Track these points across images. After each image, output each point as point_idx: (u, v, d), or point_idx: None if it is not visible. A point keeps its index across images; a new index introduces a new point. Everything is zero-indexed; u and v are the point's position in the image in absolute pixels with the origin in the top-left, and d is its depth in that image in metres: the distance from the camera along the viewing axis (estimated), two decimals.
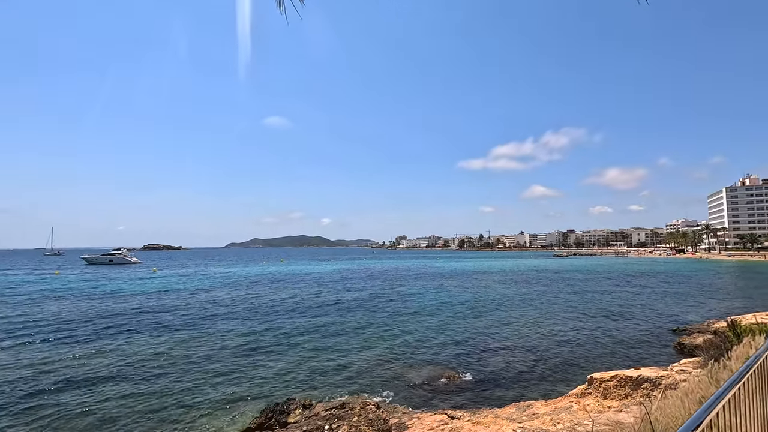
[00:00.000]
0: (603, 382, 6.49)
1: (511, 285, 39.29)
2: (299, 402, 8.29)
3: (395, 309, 23.85)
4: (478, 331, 17.75)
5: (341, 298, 28.53)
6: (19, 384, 10.81)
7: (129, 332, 17.37)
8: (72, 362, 12.87)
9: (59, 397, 9.96)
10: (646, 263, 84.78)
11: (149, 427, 8.31)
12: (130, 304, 26.08)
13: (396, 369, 12.20)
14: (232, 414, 8.83)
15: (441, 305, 25.35)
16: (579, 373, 11.60)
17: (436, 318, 20.85)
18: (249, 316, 21.12)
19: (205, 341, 15.75)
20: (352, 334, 17.07)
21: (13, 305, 25.38)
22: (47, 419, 8.67)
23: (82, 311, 22.98)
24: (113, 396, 9.97)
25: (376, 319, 20.38)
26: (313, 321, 19.88)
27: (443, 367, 12.27)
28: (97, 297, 29.68)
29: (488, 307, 24.80)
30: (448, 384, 10.79)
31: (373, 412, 6.45)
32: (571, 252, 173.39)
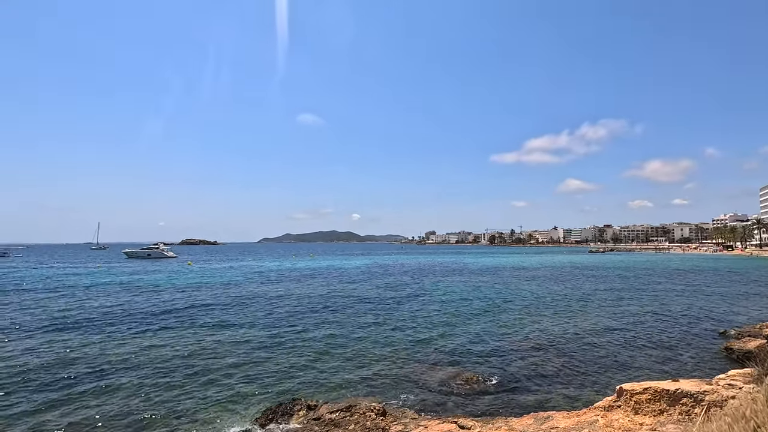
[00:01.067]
0: (634, 394, 5.72)
1: (542, 282, 37.80)
2: (304, 402, 7.94)
3: (420, 306, 23.28)
4: (504, 330, 16.93)
5: (366, 294, 28.23)
6: (45, 371, 11.07)
7: (156, 325, 17.69)
8: (98, 352, 13.13)
9: (81, 385, 10.08)
10: (691, 260, 79.95)
11: (148, 422, 8.19)
12: (162, 297, 26.81)
13: (413, 369, 11.68)
14: (235, 416, 8.58)
15: (468, 302, 24.54)
16: (609, 380, 10.68)
17: (462, 316, 20.13)
18: (273, 312, 21.13)
19: (227, 336, 15.78)
20: (373, 331, 16.66)
21: (57, 297, 26.65)
22: (66, 406, 8.75)
23: (117, 304, 23.78)
24: (124, 386, 9.99)
25: (399, 317, 19.90)
26: (335, 317, 19.62)
27: (463, 369, 11.64)
28: (132, 290, 30.78)
29: (517, 304, 23.80)
30: (466, 387, 10.17)
31: (372, 419, 5.98)
32: (608, 248, 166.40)
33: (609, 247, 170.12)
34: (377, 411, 6.42)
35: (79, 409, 8.82)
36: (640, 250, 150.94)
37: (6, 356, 12.70)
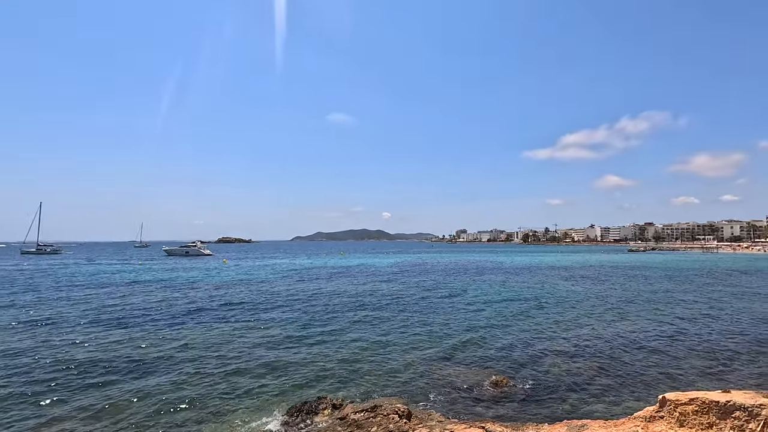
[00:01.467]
0: (679, 404, 5.27)
1: (579, 281, 36.40)
2: (330, 401, 7.89)
3: (451, 305, 22.91)
4: (538, 331, 16.34)
5: (396, 293, 28.10)
6: (87, 363, 11.62)
7: (191, 320, 18.27)
8: (136, 346, 13.67)
9: (119, 376, 10.51)
10: (743, 260, 74.81)
11: (179, 414, 8.39)
12: (197, 293, 27.74)
13: (442, 370, 11.43)
14: (260, 412, 8.65)
15: (501, 302, 23.92)
16: (650, 388, 10.03)
17: (494, 316, 19.62)
18: (304, 309, 21.38)
19: (258, 332, 16.06)
20: (402, 330, 16.50)
21: (102, 293, 28.13)
22: (104, 395, 9.12)
23: (156, 300, 24.80)
24: (158, 379, 10.32)
25: (429, 316, 19.65)
26: (365, 315, 19.59)
27: (493, 371, 11.28)
28: (170, 287, 32.05)
29: (552, 305, 22.97)
30: (495, 390, 9.83)
31: (396, 422, 5.82)
32: (649, 247, 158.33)
33: (650, 246, 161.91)
34: (401, 413, 6.26)
35: (116, 400, 9.16)
36: (684, 249, 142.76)
37: (53, 347, 13.44)
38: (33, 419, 8.20)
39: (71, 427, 7.86)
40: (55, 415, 8.37)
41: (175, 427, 7.95)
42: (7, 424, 7.96)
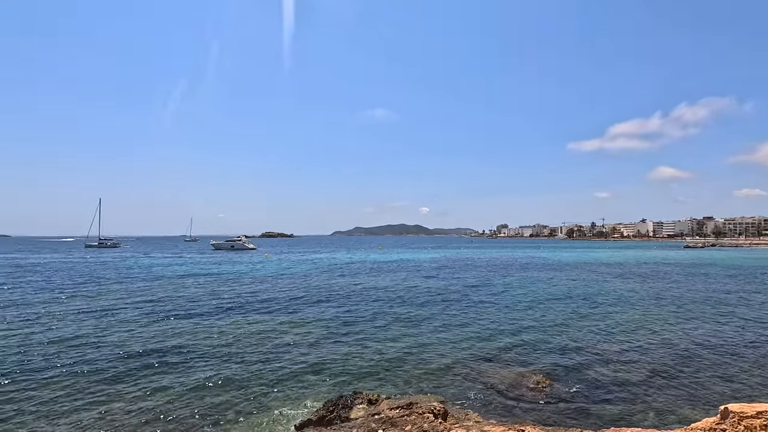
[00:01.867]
0: (745, 417, 4.78)
1: (630, 279, 34.44)
2: (365, 396, 7.90)
3: (492, 302, 22.38)
4: (584, 331, 15.61)
5: (435, 289, 27.84)
6: (140, 351, 12.38)
7: (235, 312, 19.01)
8: (184, 336, 14.40)
9: (166, 365, 11.10)
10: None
11: (218, 403, 8.71)
12: (242, 286, 28.85)
13: (482, 369, 11.16)
14: (297, 404, 8.82)
15: (543, 300, 23.08)
16: (710, 397, 9.25)
17: (537, 314, 18.95)
18: (344, 303, 21.66)
19: (299, 325, 16.44)
20: (440, 327, 16.30)
21: (156, 285, 29.95)
22: (151, 382, 9.67)
23: (204, 292, 26.05)
24: (202, 368, 10.78)
25: (469, 312, 19.30)
26: (403, 312, 19.54)
27: (535, 371, 10.86)
28: (217, 280, 33.58)
29: (601, 303, 21.87)
30: (537, 392, 9.46)
31: (430, 421, 5.69)
32: (708, 243, 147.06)
33: (710, 242, 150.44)
34: (437, 412, 6.13)
35: (166, 385, 9.67)
36: (749, 245, 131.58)
37: (112, 335, 14.42)
38: (93, 401, 8.81)
39: (126, 409, 8.37)
40: (112, 398, 8.96)
41: (217, 414, 8.27)
42: (75, 404, 8.61)
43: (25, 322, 16.44)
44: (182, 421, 7.97)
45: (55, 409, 8.43)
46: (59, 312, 18.53)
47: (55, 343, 13.35)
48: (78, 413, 8.25)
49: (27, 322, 16.44)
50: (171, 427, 7.76)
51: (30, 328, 15.44)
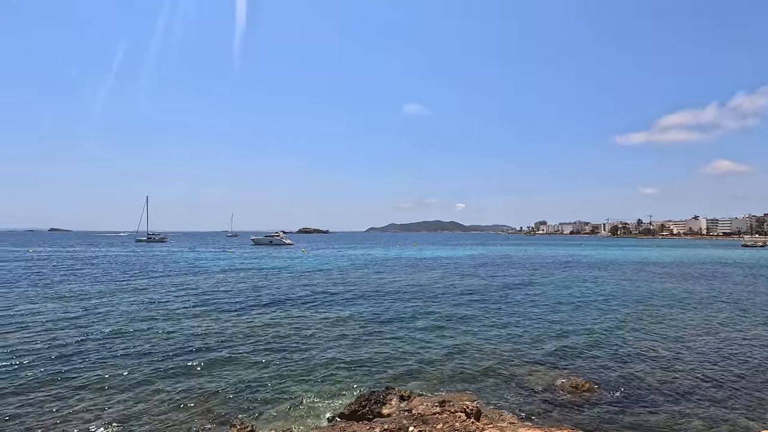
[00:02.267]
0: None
1: (681, 280, 32.46)
2: (397, 392, 7.90)
3: (530, 301, 21.78)
4: (629, 333, 14.85)
5: (471, 286, 27.43)
6: (180, 341, 13.03)
7: (273, 306, 19.60)
8: (225, 328, 15.00)
9: (207, 356, 11.61)
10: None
11: (252, 396, 9.00)
12: (279, 281, 29.69)
13: (517, 369, 10.89)
14: (330, 398, 8.96)
15: (587, 300, 22.16)
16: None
17: (578, 315, 18.26)
18: (378, 299, 21.80)
19: (333, 320, 16.71)
20: (476, 325, 16.05)
21: (199, 278, 31.41)
22: (193, 372, 10.16)
23: (245, 286, 27.04)
24: (239, 361, 11.18)
25: (505, 311, 18.88)
26: (438, 308, 19.40)
27: (575, 374, 10.48)
28: (256, 274, 34.75)
29: (647, 305, 20.74)
30: (576, 395, 9.10)
31: (462, 420, 5.60)
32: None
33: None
34: (469, 411, 6.03)
35: (206, 376, 10.12)
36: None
37: (161, 327, 15.26)
38: (138, 387, 9.37)
39: (168, 396, 8.83)
40: (156, 384, 9.48)
41: (253, 404, 8.55)
42: (121, 388, 9.19)
43: (84, 311, 17.71)
44: (219, 410, 8.31)
45: (105, 388, 9.03)
46: (114, 302, 19.83)
47: (109, 331, 14.29)
48: (125, 397, 8.79)
49: (86, 311, 17.71)
50: (208, 414, 8.11)
51: (88, 317, 16.62)
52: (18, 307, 18.26)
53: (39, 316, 16.42)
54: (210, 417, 7.99)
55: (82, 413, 8.01)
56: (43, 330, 14.31)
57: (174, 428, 7.51)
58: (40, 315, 16.71)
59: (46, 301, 19.84)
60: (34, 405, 8.34)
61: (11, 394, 8.88)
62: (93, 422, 7.66)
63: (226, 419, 7.86)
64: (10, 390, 9.07)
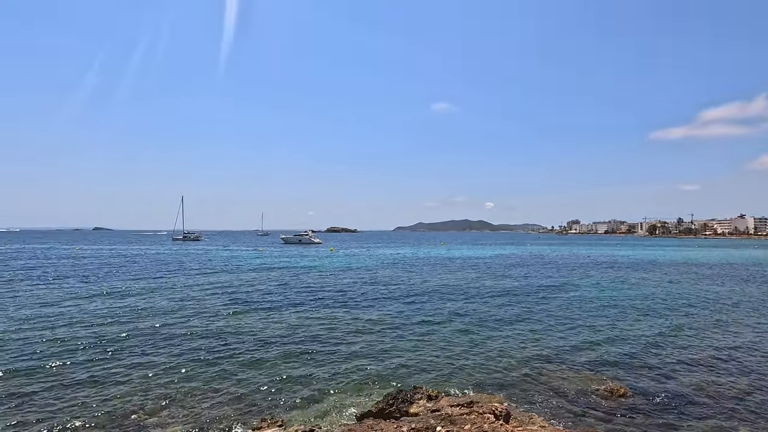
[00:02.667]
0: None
1: (728, 282, 30.75)
2: (425, 392, 7.86)
3: (563, 302, 21.15)
4: (670, 338, 14.18)
5: (502, 287, 26.95)
6: (216, 338, 13.48)
7: (301, 304, 19.95)
8: (256, 325, 15.40)
9: (239, 352, 11.96)
10: None
11: (279, 392, 9.19)
12: (308, 279, 30.19)
13: (549, 372, 10.63)
14: (358, 396, 9.03)
15: (624, 302, 21.30)
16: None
17: (615, 316, 17.60)
18: (406, 298, 21.79)
19: (361, 318, 16.83)
20: (507, 326, 15.75)
21: (233, 276, 32.39)
22: (226, 367, 10.49)
23: (275, 283, 27.69)
24: (268, 357, 11.44)
25: (537, 312, 18.44)
26: (467, 308, 19.20)
27: (609, 378, 10.12)
28: (286, 272, 35.49)
29: (688, 307, 19.78)
30: (610, 400, 8.79)
31: (491, 422, 5.51)
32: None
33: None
34: (498, 413, 5.93)
35: (238, 371, 10.43)
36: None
37: (192, 321, 15.84)
38: (173, 379, 9.76)
39: (202, 390, 9.16)
40: (190, 377, 9.86)
41: (282, 399, 8.74)
42: (158, 377, 9.62)
43: (127, 307, 18.66)
44: (250, 403, 8.54)
45: (143, 381, 9.47)
46: (154, 299, 20.78)
47: (148, 326, 14.97)
48: (161, 391, 9.18)
49: (128, 307, 18.65)
50: (240, 407, 8.35)
51: (130, 313, 17.47)
52: (66, 303, 19.43)
53: (84, 311, 17.42)
54: (241, 410, 8.23)
55: (122, 404, 8.43)
56: (87, 324, 15.16)
57: (207, 420, 7.78)
58: (85, 310, 17.72)
59: (91, 297, 21.01)
60: (80, 394, 8.85)
61: (59, 384, 9.47)
62: (133, 413, 8.05)
63: (256, 413, 8.08)
64: (56, 380, 9.67)
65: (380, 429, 5.92)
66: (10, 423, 7.51)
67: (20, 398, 8.59)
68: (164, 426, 7.57)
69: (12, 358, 11.14)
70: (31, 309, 17.60)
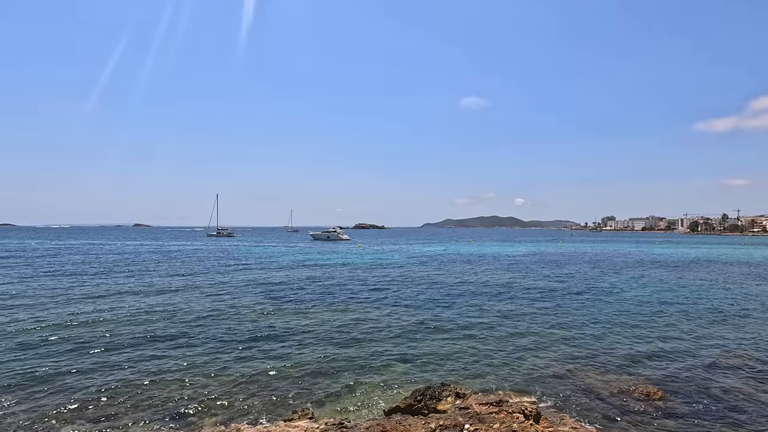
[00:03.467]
0: None
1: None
2: (453, 389, 7.85)
3: (597, 301, 20.52)
4: (714, 341, 13.51)
5: (534, 284, 26.40)
6: (247, 330, 13.93)
7: (331, 300, 20.29)
8: (287, 320, 15.81)
9: (269, 345, 12.32)
10: None
11: (308, 385, 9.40)
12: (336, 274, 30.65)
13: (580, 372, 10.38)
14: (386, 391, 9.12)
15: (664, 302, 20.43)
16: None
17: (653, 318, 16.89)
18: (434, 295, 21.76)
19: (388, 314, 16.97)
20: (538, 324, 15.46)
21: (264, 271, 33.28)
22: (257, 360, 10.84)
23: (305, 278, 28.28)
24: (297, 351, 11.72)
25: (569, 311, 17.99)
26: (498, 305, 18.98)
27: (646, 381, 9.77)
28: (316, 267, 36.13)
29: (737, 310, 18.71)
30: (647, 403, 8.49)
31: (520, 422, 5.46)
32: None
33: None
34: (528, 412, 5.87)
35: (268, 364, 10.75)
36: None
37: (228, 314, 16.42)
38: (208, 369, 10.19)
39: (235, 381, 9.51)
40: (225, 368, 10.26)
41: (310, 392, 8.97)
42: (196, 367, 10.07)
43: (168, 301, 19.61)
44: (281, 395, 8.81)
45: (181, 371, 9.93)
46: (192, 292, 21.73)
47: (187, 319, 15.65)
48: (201, 380, 9.60)
49: (169, 301, 19.58)
50: (270, 399, 8.63)
51: (172, 308, 18.32)
52: (112, 297, 20.61)
53: (128, 305, 18.42)
54: (273, 402, 8.50)
55: (160, 392, 8.89)
56: (131, 317, 16.01)
57: (240, 410, 8.09)
58: (128, 304, 18.73)
59: (137, 292, 22.17)
60: (123, 382, 9.39)
61: (105, 371, 10.08)
62: (170, 401, 8.47)
63: (287, 405, 8.32)
64: (103, 366, 10.30)
65: (408, 425, 5.98)
66: (59, 407, 8.07)
67: (70, 385, 9.21)
68: (200, 415, 7.93)
69: (72, 348, 11.94)
70: (97, 302, 18.83)
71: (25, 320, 14.89)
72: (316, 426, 6.06)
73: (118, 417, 7.74)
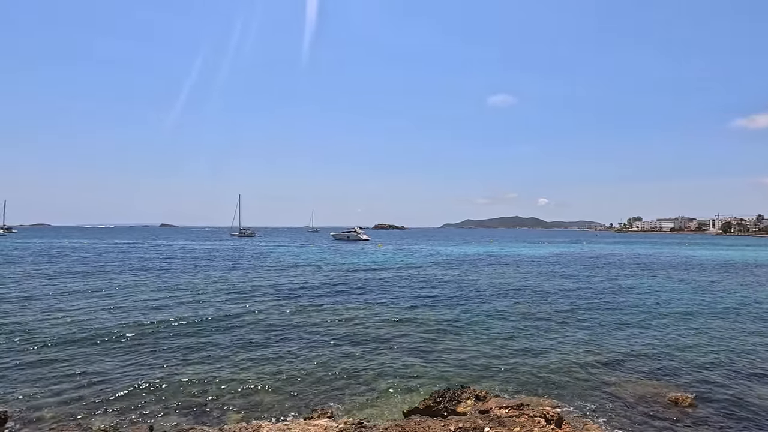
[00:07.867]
0: None
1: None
2: (473, 392, 7.79)
3: (624, 305, 19.90)
4: (747, 347, 12.94)
5: (557, 287, 25.82)
6: (267, 327, 14.17)
7: (350, 299, 20.44)
8: (304, 317, 16.00)
9: (287, 343, 12.50)
10: None
11: (328, 386, 9.48)
12: (356, 274, 30.83)
13: (604, 377, 10.14)
14: (405, 392, 9.12)
15: (693, 306, 19.72)
16: None
17: (683, 322, 16.27)
18: (455, 296, 21.63)
19: (409, 315, 16.93)
20: (560, 327, 15.14)
21: (283, 271, 33.76)
22: (274, 357, 11.01)
23: (325, 277, 28.57)
24: (316, 349, 11.84)
25: (594, 314, 17.54)
26: (520, 308, 18.64)
27: (674, 387, 9.46)
28: (336, 268, 36.42)
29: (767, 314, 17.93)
30: (674, 410, 8.21)
31: (541, 426, 5.37)
32: None
33: None
34: (549, 417, 5.77)
35: (284, 360, 10.91)
36: None
37: (249, 312, 16.74)
38: (234, 371, 10.41)
39: (257, 379, 9.68)
40: (247, 365, 10.46)
41: (331, 391, 9.06)
42: (226, 371, 10.31)
43: (193, 299, 20.14)
44: (301, 394, 8.93)
45: (203, 366, 10.18)
46: (215, 290, 22.28)
47: (210, 317, 16.02)
48: (221, 375, 9.82)
49: (194, 299, 20.11)
50: (291, 398, 8.76)
51: (194, 303, 18.82)
52: (143, 295, 21.30)
53: (156, 301, 19.02)
54: (293, 400, 8.62)
55: (186, 387, 9.14)
56: (158, 312, 16.52)
57: (262, 408, 8.25)
58: (156, 300, 19.34)
59: (166, 289, 22.88)
60: (151, 377, 9.69)
61: (134, 365, 10.42)
62: (195, 396, 8.70)
63: (307, 403, 8.42)
64: (131, 368, 10.65)
65: (427, 426, 5.97)
66: (96, 396, 8.39)
67: (97, 380, 9.57)
68: (223, 411, 8.11)
69: (111, 340, 12.42)
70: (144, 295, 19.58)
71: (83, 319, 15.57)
72: (335, 425, 6.12)
73: (145, 412, 8.00)
